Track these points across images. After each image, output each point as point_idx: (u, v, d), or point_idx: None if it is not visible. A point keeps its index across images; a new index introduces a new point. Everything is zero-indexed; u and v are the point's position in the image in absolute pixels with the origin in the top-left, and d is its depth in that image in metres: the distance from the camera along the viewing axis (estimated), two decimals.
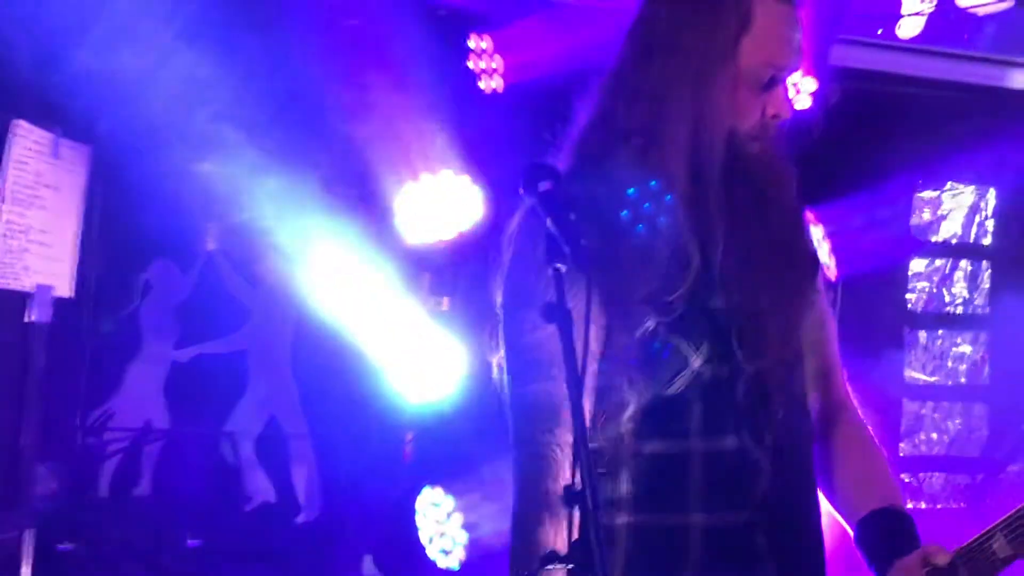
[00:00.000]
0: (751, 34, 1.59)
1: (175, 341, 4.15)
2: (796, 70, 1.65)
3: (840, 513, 1.75)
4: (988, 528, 1.55)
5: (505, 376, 1.65)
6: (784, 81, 1.63)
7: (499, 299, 1.67)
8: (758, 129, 1.61)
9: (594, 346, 1.58)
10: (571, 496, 1.33)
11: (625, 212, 1.56)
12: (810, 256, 1.72)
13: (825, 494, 1.77)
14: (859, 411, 1.81)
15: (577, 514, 1.30)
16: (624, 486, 1.59)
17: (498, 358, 1.68)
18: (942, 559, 1.56)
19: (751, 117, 1.61)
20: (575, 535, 1.33)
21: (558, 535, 1.53)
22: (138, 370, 4.11)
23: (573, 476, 1.48)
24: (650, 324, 1.58)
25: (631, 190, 1.60)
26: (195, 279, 4.18)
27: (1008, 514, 1.54)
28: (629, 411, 1.58)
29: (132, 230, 3.83)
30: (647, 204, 1.60)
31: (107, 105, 3.38)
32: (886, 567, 1.62)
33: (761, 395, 1.60)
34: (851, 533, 1.71)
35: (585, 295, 1.46)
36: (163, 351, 4.14)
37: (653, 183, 1.60)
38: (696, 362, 1.59)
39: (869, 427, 1.80)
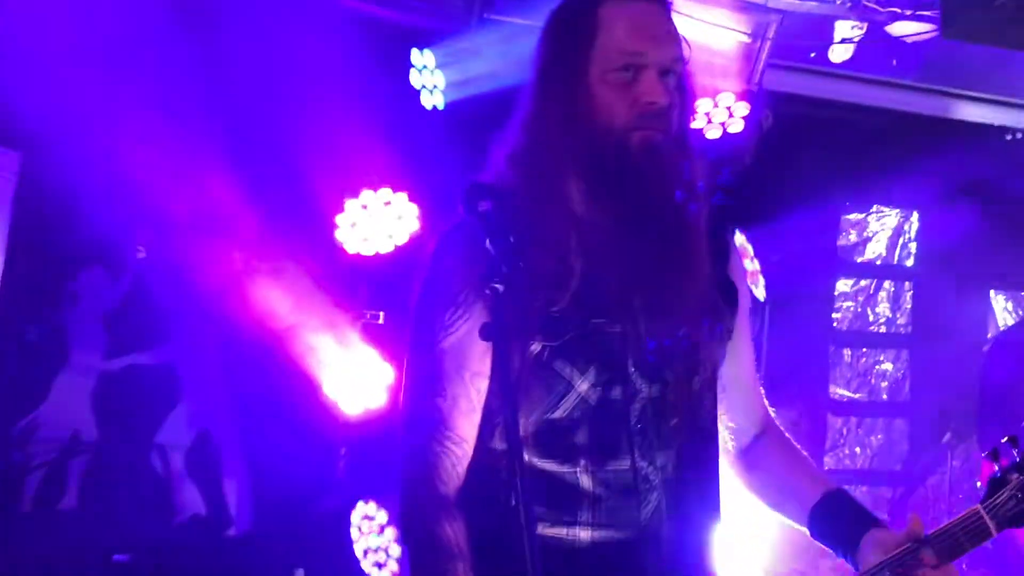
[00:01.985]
0: (601, 35, 1.67)
1: (104, 351, 4.07)
2: (665, 58, 1.68)
3: (789, 516, 1.81)
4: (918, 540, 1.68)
5: (403, 384, 1.68)
6: (654, 71, 1.66)
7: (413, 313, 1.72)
8: (634, 121, 1.65)
9: (483, 367, 1.63)
10: (505, 512, 1.36)
11: (521, 233, 1.58)
12: (720, 281, 1.75)
13: (770, 505, 1.85)
14: (781, 425, 1.89)
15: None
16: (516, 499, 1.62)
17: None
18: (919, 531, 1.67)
19: (621, 112, 1.65)
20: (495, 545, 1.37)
21: (458, 535, 1.59)
22: (65, 380, 4.02)
23: (465, 488, 1.54)
24: (536, 347, 1.61)
25: (529, 211, 1.64)
26: (125, 288, 4.11)
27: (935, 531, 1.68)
28: (520, 431, 1.59)
29: (60, 238, 3.76)
30: (544, 226, 1.64)
31: (37, 112, 3.32)
32: (855, 544, 1.70)
33: (659, 418, 1.65)
34: (805, 531, 1.78)
35: (519, 313, 1.50)
36: (91, 361, 4.06)
37: (546, 204, 1.65)
38: (582, 386, 1.63)
39: (794, 443, 1.88)
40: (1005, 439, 1.70)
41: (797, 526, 1.80)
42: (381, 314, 3.89)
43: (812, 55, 4.44)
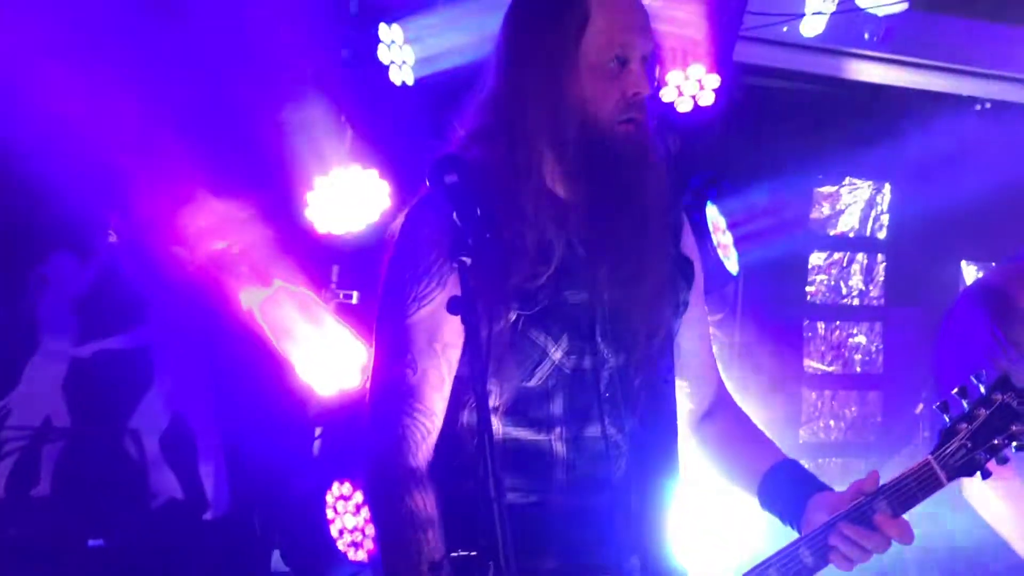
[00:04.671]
0: (591, 25, 1.69)
1: (75, 336, 4.04)
2: (649, 47, 1.73)
3: (740, 485, 1.87)
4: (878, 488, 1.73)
5: (373, 357, 1.69)
6: (639, 61, 1.70)
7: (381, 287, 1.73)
8: (621, 111, 1.69)
9: (454, 339, 1.65)
10: (475, 483, 1.37)
11: (490, 207, 1.60)
12: (676, 257, 1.80)
13: (722, 473, 1.90)
14: (736, 401, 1.94)
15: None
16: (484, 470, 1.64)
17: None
18: (870, 487, 1.72)
19: (610, 102, 1.69)
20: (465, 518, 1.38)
21: (427, 504, 1.61)
22: (36, 366, 3.98)
23: (436, 457, 1.54)
24: (511, 316, 1.64)
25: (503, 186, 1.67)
26: (95, 272, 4.07)
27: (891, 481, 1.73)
28: (493, 400, 1.64)
29: (27, 220, 3.71)
30: (518, 200, 1.66)
31: (1, 90, 3.27)
32: (799, 512, 1.75)
33: (624, 385, 1.70)
34: (755, 500, 1.83)
35: (487, 285, 1.51)
36: (62, 347, 4.02)
37: (522, 180, 1.67)
38: (556, 354, 1.67)
39: (748, 415, 1.93)
40: (955, 390, 1.74)
41: (747, 495, 1.84)
42: (355, 294, 3.87)
43: (784, 29, 4.44)
